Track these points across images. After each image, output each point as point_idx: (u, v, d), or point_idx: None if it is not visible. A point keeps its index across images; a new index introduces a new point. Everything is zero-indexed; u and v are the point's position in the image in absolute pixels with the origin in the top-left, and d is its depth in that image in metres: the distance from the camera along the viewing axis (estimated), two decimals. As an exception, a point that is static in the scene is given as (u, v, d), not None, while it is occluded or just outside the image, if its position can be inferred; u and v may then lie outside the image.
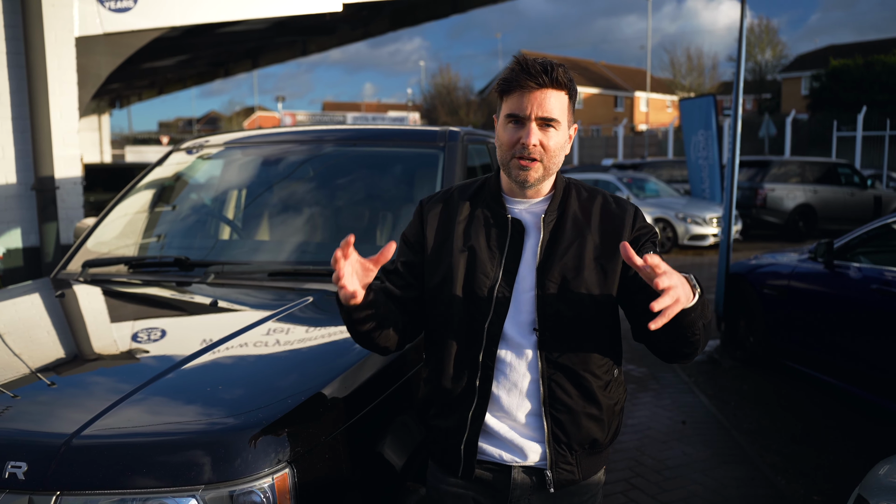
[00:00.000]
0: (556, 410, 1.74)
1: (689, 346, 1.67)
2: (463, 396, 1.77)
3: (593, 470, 1.85)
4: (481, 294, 1.77)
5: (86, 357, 2.27)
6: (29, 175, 5.65)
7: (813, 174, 16.29)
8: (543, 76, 1.71)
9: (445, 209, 1.88)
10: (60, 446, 1.62)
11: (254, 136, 3.78)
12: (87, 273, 3.13)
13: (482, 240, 1.81)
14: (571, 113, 1.81)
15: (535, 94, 1.72)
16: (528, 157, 1.73)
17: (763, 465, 4.37)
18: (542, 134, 1.73)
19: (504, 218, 1.81)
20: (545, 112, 1.72)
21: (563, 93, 1.75)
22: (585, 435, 1.77)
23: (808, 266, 5.76)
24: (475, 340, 1.76)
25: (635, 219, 1.83)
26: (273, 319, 2.40)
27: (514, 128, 1.75)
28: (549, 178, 1.79)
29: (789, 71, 47.25)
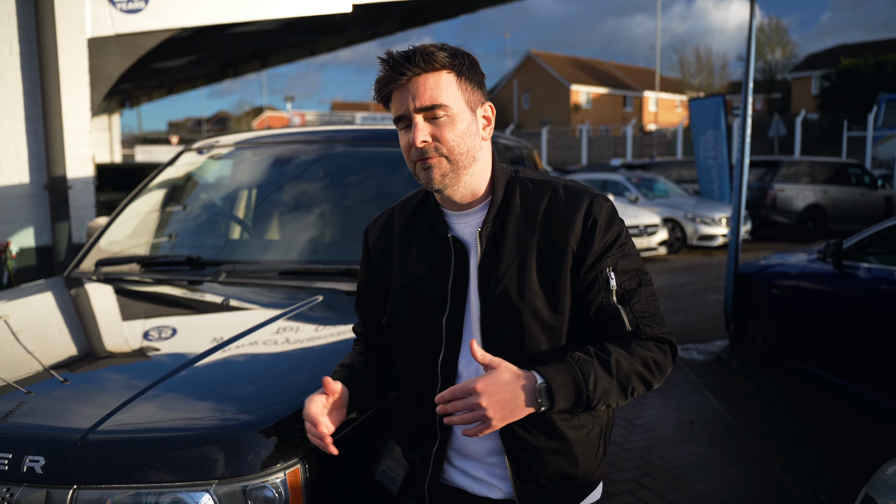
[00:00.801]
0: (517, 448, 1.56)
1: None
2: (425, 435, 1.64)
3: (576, 498, 1.65)
4: (431, 328, 1.59)
5: (100, 354, 2.30)
6: (41, 175, 5.70)
7: (823, 174, 16.22)
8: (408, 64, 1.48)
9: (385, 234, 1.71)
10: (77, 441, 1.65)
11: (264, 137, 3.82)
12: (99, 272, 3.16)
13: (425, 266, 1.61)
14: (472, 91, 1.55)
15: (407, 86, 1.50)
16: (423, 158, 1.50)
17: (771, 465, 4.37)
18: (432, 126, 1.50)
19: (445, 238, 1.58)
20: (423, 100, 1.48)
21: (445, 72, 1.50)
22: (553, 471, 1.58)
23: (817, 266, 5.75)
24: (431, 377, 1.60)
25: (587, 215, 1.54)
26: (284, 318, 2.43)
27: (405, 131, 1.53)
28: (463, 174, 1.53)
29: (799, 70, 47.09)
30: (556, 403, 1.40)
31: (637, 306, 1.53)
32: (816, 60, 45.78)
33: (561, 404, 1.41)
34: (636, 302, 1.53)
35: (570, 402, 1.42)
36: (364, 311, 1.79)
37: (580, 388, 1.42)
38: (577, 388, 1.42)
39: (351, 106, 73.11)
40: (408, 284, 1.62)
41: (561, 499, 1.62)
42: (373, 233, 1.74)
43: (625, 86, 61.07)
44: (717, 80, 54.59)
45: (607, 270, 1.52)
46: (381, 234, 1.72)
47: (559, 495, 1.62)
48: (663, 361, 1.53)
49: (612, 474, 4.25)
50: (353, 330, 1.89)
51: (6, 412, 1.80)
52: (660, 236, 13.14)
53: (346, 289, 2.78)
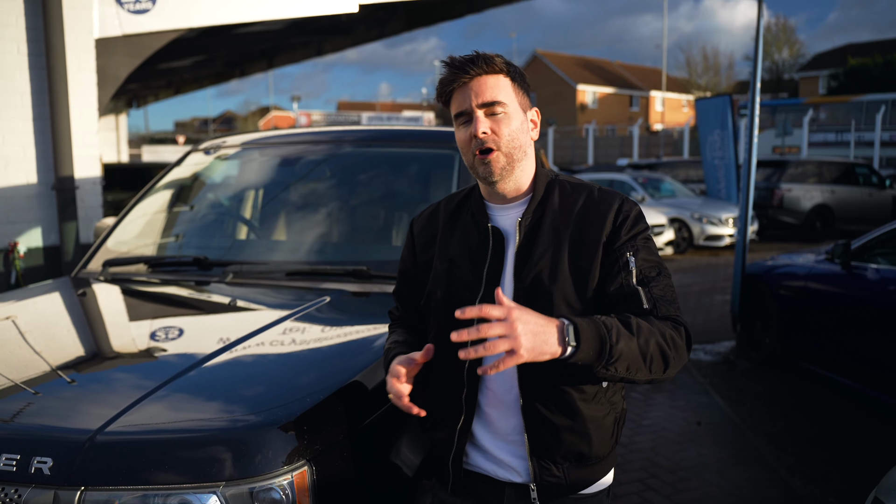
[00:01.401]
0: (536, 424, 1.67)
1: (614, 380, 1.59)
2: (451, 411, 1.74)
3: (586, 482, 1.74)
4: None
5: (107, 355, 2.31)
6: (49, 175, 5.72)
7: (830, 174, 16.16)
8: (472, 66, 1.67)
9: (430, 224, 1.86)
10: (85, 442, 1.65)
11: (271, 137, 3.82)
12: (107, 272, 3.17)
13: (464, 252, 1.75)
14: (523, 96, 1.73)
15: (470, 85, 1.68)
16: (484, 149, 1.66)
17: (779, 467, 4.35)
18: (492, 121, 1.67)
19: (484, 227, 1.74)
20: (484, 97, 1.66)
21: (501, 76, 1.69)
22: (568, 449, 1.68)
23: (825, 267, 5.73)
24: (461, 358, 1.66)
25: (618, 213, 1.69)
26: (291, 319, 2.43)
27: (465, 126, 1.70)
28: (516, 167, 1.70)
29: (806, 70, 46.91)
30: (581, 344, 1.46)
31: (656, 290, 1.64)
32: (824, 60, 45.62)
33: (586, 347, 1.46)
34: (655, 286, 1.64)
35: (594, 350, 1.47)
36: (402, 294, 1.91)
37: (603, 337, 1.49)
38: (601, 337, 1.48)
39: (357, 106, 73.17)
40: (446, 268, 1.76)
41: (574, 479, 1.71)
42: (418, 223, 1.89)
43: (631, 85, 60.96)
44: (723, 80, 54.47)
45: (628, 255, 1.65)
46: (426, 224, 1.86)
47: (572, 475, 1.71)
48: (679, 341, 1.60)
49: (619, 475, 4.23)
50: (389, 314, 1.99)
51: (14, 413, 1.80)
52: (666, 236, 13.11)
53: (353, 290, 2.78)
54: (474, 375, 1.70)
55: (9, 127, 5.58)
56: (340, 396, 1.91)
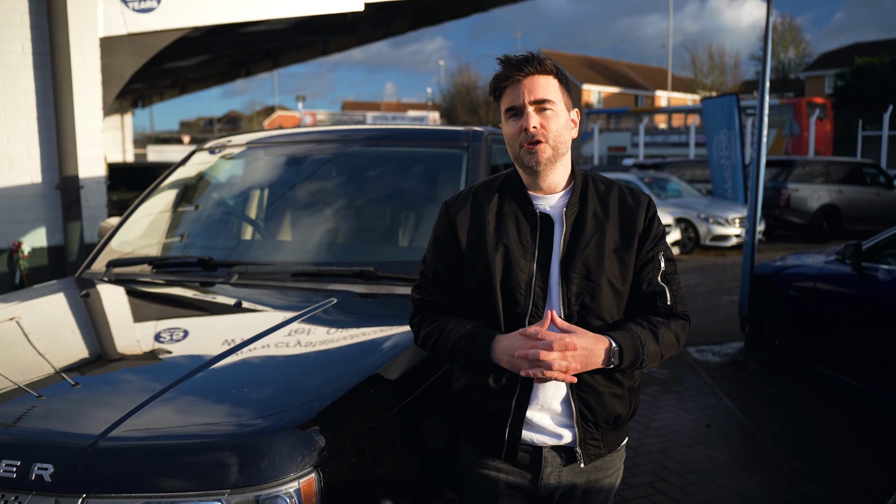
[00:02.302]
0: (583, 392, 1.85)
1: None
2: (506, 386, 1.86)
3: (617, 442, 2.00)
4: (519, 289, 1.85)
5: (110, 357, 2.27)
6: (53, 174, 5.69)
7: (837, 174, 16.07)
8: (527, 65, 1.82)
9: (474, 209, 1.95)
10: (87, 448, 1.61)
11: (276, 136, 3.78)
12: (111, 273, 3.13)
13: (514, 236, 1.88)
14: (567, 97, 1.90)
15: (523, 82, 1.83)
16: (533, 141, 1.82)
17: (789, 470, 4.30)
18: (541, 117, 1.83)
19: (532, 213, 1.89)
20: (537, 95, 1.82)
21: (551, 77, 1.85)
22: (610, 412, 1.89)
23: (835, 268, 5.67)
24: None
25: (647, 210, 1.92)
26: (297, 321, 2.39)
27: (515, 120, 1.85)
28: (558, 160, 1.87)
29: (812, 69, 46.75)
30: (623, 362, 1.78)
31: (675, 288, 1.92)
32: (830, 59, 45.45)
33: (625, 364, 1.78)
34: (674, 285, 1.92)
35: (630, 362, 1.78)
36: (442, 277, 1.97)
37: (638, 352, 1.79)
38: (636, 352, 1.79)
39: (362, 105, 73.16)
40: (501, 252, 1.87)
41: (609, 441, 1.96)
42: (455, 207, 1.97)
43: (636, 85, 60.85)
44: (729, 80, 54.31)
45: (660, 255, 1.90)
46: (470, 209, 1.95)
47: (608, 437, 1.95)
48: (683, 337, 1.93)
49: (628, 479, 4.19)
50: (415, 302, 2.00)
51: (15, 417, 1.76)
52: (672, 237, 13.04)
53: (360, 291, 2.74)
54: None
55: (13, 126, 5.55)
56: (348, 400, 1.86)
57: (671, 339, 1.87)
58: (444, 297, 1.97)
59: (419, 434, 2.07)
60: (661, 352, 1.84)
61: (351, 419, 1.83)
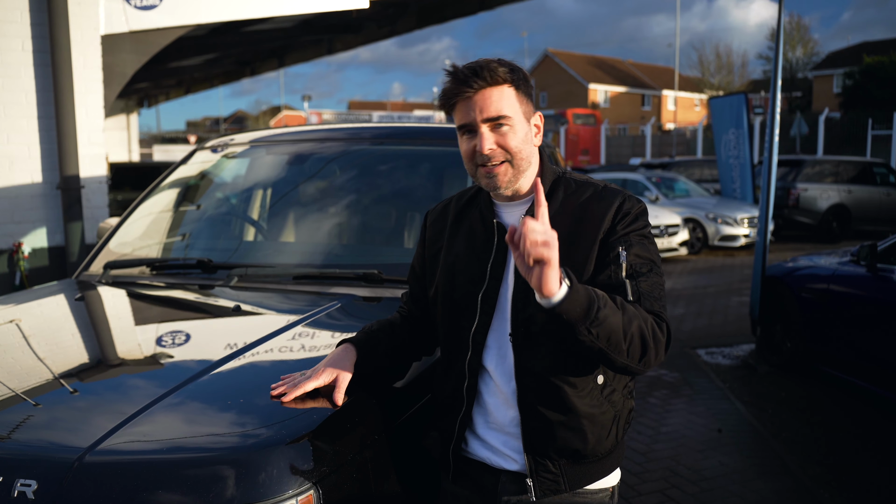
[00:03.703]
0: (530, 417, 1.70)
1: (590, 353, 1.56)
2: (453, 402, 1.80)
3: (584, 481, 1.75)
4: (468, 302, 1.77)
5: (101, 365, 2.17)
6: (54, 174, 5.62)
7: (847, 174, 15.92)
8: (476, 79, 1.66)
9: (441, 219, 1.91)
10: (73, 462, 1.52)
11: (280, 135, 3.69)
12: (108, 275, 3.05)
13: (470, 247, 1.80)
14: (527, 104, 1.74)
15: (474, 98, 1.67)
16: (489, 163, 1.69)
17: (804, 477, 4.20)
18: (497, 135, 1.69)
19: (490, 223, 1.77)
20: (489, 112, 1.67)
21: (505, 86, 1.69)
22: (562, 445, 1.70)
23: (849, 269, 5.55)
24: (462, 348, 1.77)
25: (619, 209, 1.71)
26: (298, 326, 2.29)
27: (469, 138, 1.71)
28: (522, 175, 1.73)
29: (820, 69, 46.50)
30: (572, 288, 1.48)
31: (643, 285, 1.65)
32: (838, 58, 45.19)
33: (576, 297, 1.48)
34: (643, 281, 1.65)
35: (582, 307, 1.48)
36: (411, 284, 1.97)
37: (592, 298, 1.51)
38: (590, 297, 1.50)
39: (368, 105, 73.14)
40: (452, 262, 1.81)
41: (571, 477, 1.73)
42: (431, 216, 1.95)
43: (643, 84, 60.65)
44: (736, 79, 54.09)
45: (620, 249, 1.66)
46: (437, 218, 1.92)
47: (569, 473, 1.73)
48: (660, 335, 1.61)
49: (639, 485, 4.09)
50: (400, 298, 2.04)
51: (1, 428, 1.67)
52: (681, 237, 12.93)
53: (364, 294, 2.64)
54: (476, 367, 1.75)
55: (13, 125, 5.47)
56: (351, 412, 1.77)
57: (637, 319, 1.56)
58: (413, 305, 1.95)
59: (425, 447, 1.97)
60: (623, 325, 1.53)
61: (353, 431, 1.73)
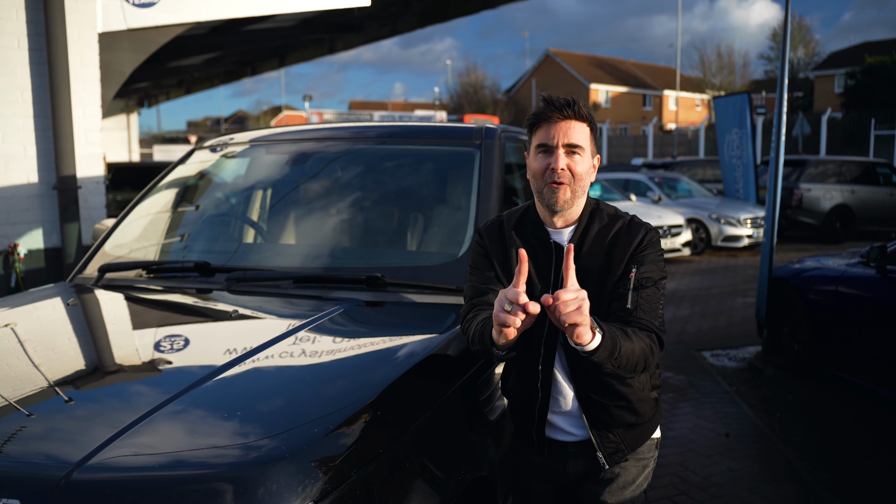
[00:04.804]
0: (589, 406, 2.05)
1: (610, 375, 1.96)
2: (530, 396, 2.08)
3: (640, 441, 2.13)
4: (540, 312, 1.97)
5: (92, 375, 2.08)
6: (50, 174, 5.53)
7: (850, 174, 15.82)
8: (567, 108, 1.97)
9: (500, 236, 2.13)
10: (60, 479, 1.43)
11: (280, 134, 3.60)
12: (103, 278, 2.96)
13: (535, 262, 2.05)
14: (594, 145, 2.05)
15: (560, 124, 1.97)
16: (557, 181, 1.96)
17: (815, 483, 4.11)
18: (569, 160, 1.97)
19: (549, 244, 2.06)
20: (570, 139, 1.96)
21: (585, 125, 1.99)
22: (619, 421, 2.06)
23: (858, 271, 5.46)
24: (535, 352, 2.04)
25: (641, 240, 2.02)
26: (298, 332, 2.20)
27: (544, 156, 1.99)
28: (576, 201, 2.01)
29: (822, 69, 46.39)
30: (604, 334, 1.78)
31: (643, 295, 1.97)
32: (839, 58, 45.08)
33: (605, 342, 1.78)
34: (643, 292, 1.97)
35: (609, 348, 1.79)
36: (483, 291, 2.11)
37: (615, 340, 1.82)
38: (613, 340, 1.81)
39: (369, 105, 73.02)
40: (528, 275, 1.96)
41: (629, 440, 2.10)
42: (488, 232, 2.16)
43: (644, 84, 60.54)
44: (738, 79, 53.99)
45: (633, 266, 1.99)
46: (497, 238, 2.14)
47: (627, 437, 2.10)
48: (656, 351, 1.95)
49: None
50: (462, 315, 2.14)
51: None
52: (683, 237, 12.83)
53: (367, 299, 2.56)
54: (548, 366, 2.04)
55: (9, 125, 5.39)
56: (353, 424, 1.68)
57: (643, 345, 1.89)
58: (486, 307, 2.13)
59: (434, 461, 1.88)
60: (636, 353, 1.87)
61: (356, 445, 1.64)
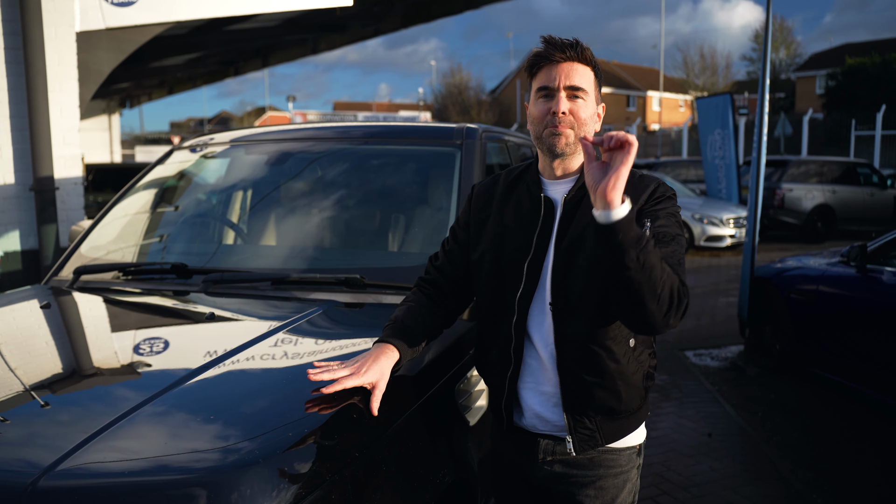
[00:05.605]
0: (569, 379, 1.84)
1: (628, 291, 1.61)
2: (501, 361, 1.92)
3: (617, 435, 1.90)
4: (514, 269, 1.88)
5: (64, 378, 2.04)
6: (27, 175, 5.46)
7: (831, 174, 15.96)
8: (569, 49, 1.82)
9: (488, 190, 2.02)
10: (27, 487, 1.40)
11: (261, 134, 3.57)
12: (78, 281, 2.92)
13: (517, 218, 1.91)
14: (598, 91, 1.90)
15: (562, 66, 1.82)
16: (558, 125, 1.81)
17: (796, 482, 4.13)
18: (572, 103, 1.82)
19: (538, 197, 1.90)
20: (572, 81, 1.81)
21: (588, 68, 1.85)
22: (599, 404, 1.84)
23: (839, 270, 5.50)
24: (508, 312, 1.88)
25: (653, 192, 1.84)
26: (275, 335, 2.18)
27: (545, 100, 1.84)
28: (578, 148, 1.85)
29: (804, 70, 46.77)
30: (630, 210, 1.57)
31: (664, 251, 1.71)
32: (821, 60, 45.46)
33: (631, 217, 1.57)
34: (664, 248, 1.73)
35: (636, 230, 1.58)
36: (451, 249, 2.05)
37: (643, 226, 1.72)
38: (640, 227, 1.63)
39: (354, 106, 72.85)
40: (501, 231, 1.93)
41: (606, 431, 1.88)
42: (479, 188, 2.07)
43: (628, 85, 60.78)
44: (720, 80, 54.33)
45: (646, 221, 1.77)
46: (484, 190, 2.04)
47: (605, 427, 1.88)
48: (683, 296, 1.67)
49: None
50: (428, 264, 2.10)
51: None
52: (667, 237, 12.88)
53: (346, 300, 2.53)
54: (521, 330, 1.87)
55: (-15, 125, 5.32)
56: (330, 427, 1.66)
57: (670, 267, 1.66)
58: (447, 265, 2.03)
59: (412, 464, 1.86)
60: (661, 263, 1.61)
61: (332, 448, 1.62)
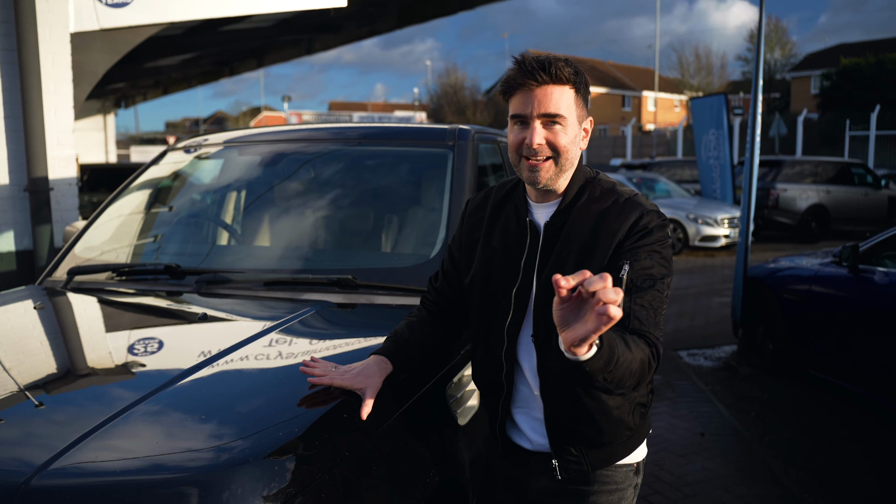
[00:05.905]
0: (553, 411, 1.79)
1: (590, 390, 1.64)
2: (495, 387, 1.88)
3: (605, 462, 1.85)
4: (503, 296, 1.82)
5: (57, 378, 2.05)
6: (22, 176, 5.46)
7: (826, 174, 16.01)
8: (541, 73, 1.68)
9: (480, 209, 1.95)
10: (19, 486, 1.41)
11: (255, 135, 3.58)
12: (72, 281, 2.93)
13: (504, 243, 1.84)
14: (582, 107, 1.77)
15: (535, 91, 1.69)
16: (535, 158, 1.71)
17: (788, 482, 4.15)
18: (548, 132, 1.71)
19: (524, 221, 1.81)
20: (547, 108, 1.69)
21: (567, 87, 1.71)
22: (582, 437, 1.80)
23: (831, 270, 5.52)
24: (499, 340, 1.83)
25: (635, 224, 1.70)
26: (267, 335, 2.19)
27: (520, 129, 1.74)
28: (563, 175, 1.76)
29: (798, 70, 46.89)
30: (602, 343, 1.44)
31: (637, 302, 1.63)
32: (815, 60, 45.58)
33: (601, 350, 1.44)
34: (638, 298, 1.64)
35: (605, 358, 1.45)
36: (447, 267, 2.03)
37: (613, 348, 1.47)
38: (611, 349, 1.47)
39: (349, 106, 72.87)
40: (489, 256, 1.86)
41: (593, 459, 1.83)
42: (471, 205, 2.00)
43: (623, 85, 60.88)
44: (716, 80, 54.43)
45: (625, 263, 1.65)
46: (477, 208, 1.96)
47: (591, 456, 1.83)
48: (653, 365, 1.62)
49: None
50: (428, 285, 2.09)
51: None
52: (662, 237, 12.91)
53: (338, 301, 2.55)
54: (511, 358, 1.82)
55: (-21, 126, 5.32)
56: (320, 426, 1.67)
57: (641, 356, 1.56)
58: (445, 287, 2.00)
59: (404, 463, 1.87)
60: (632, 369, 1.52)
61: (323, 447, 1.63)
